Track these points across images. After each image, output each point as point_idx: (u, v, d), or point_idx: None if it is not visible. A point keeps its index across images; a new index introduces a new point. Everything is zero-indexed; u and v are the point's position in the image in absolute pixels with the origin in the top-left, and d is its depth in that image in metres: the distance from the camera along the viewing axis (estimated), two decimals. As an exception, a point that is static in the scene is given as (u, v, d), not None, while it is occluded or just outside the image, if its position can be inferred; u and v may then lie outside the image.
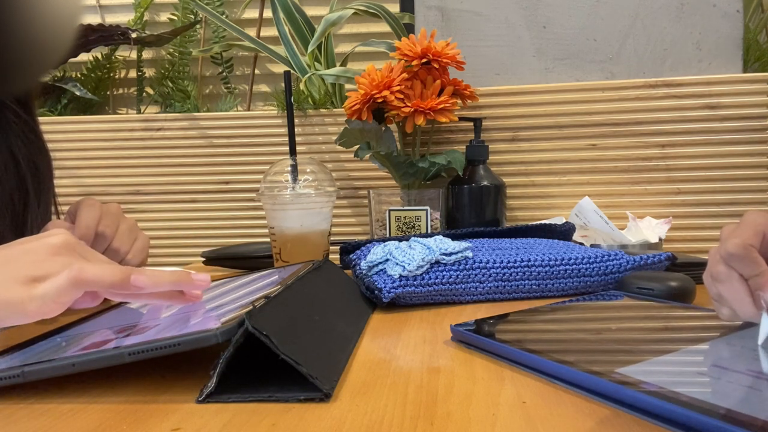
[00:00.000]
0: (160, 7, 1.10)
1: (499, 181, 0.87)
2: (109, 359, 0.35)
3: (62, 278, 0.38)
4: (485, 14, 0.96)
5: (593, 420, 0.29)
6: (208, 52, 1.07)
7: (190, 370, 0.38)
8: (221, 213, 1.02)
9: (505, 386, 0.35)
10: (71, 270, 0.38)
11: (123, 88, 1.13)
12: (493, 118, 0.94)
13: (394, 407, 0.32)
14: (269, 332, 0.33)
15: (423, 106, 0.80)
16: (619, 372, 0.31)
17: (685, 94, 0.90)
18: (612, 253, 0.60)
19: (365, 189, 0.98)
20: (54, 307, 0.38)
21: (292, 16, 0.99)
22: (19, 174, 0.64)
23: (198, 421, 0.31)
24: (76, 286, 0.38)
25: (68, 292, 0.38)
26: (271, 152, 0.99)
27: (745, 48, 0.92)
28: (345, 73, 0.94)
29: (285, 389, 0.34)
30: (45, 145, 0.69)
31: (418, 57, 0.81)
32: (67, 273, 0.38)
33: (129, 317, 0.48)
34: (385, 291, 0.53)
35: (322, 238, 0.74)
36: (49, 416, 0.33)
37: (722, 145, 0.89)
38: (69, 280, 0.38)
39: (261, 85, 1.11)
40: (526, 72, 0.96)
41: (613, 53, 0.94)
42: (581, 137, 0.93)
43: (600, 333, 0.43)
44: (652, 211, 0.90)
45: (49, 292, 0.38)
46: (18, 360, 0.39)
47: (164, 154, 1.02)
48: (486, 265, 0.57)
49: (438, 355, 0.41)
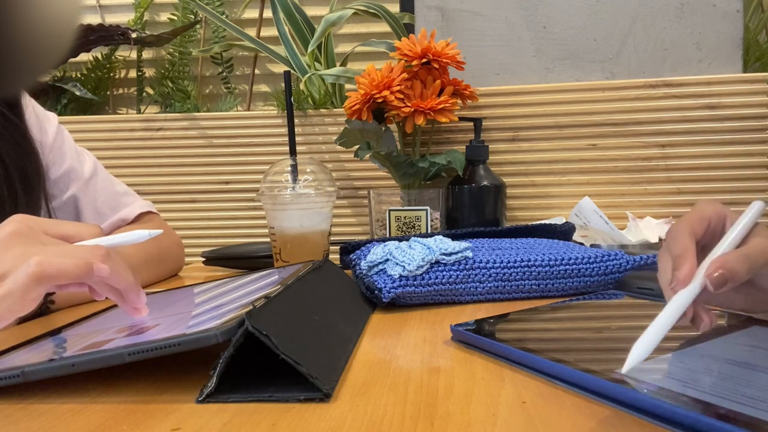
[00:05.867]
0: (160, 7, 1.10)
1: (499, 181, 0.87)
2: (109, 359, 0.35)
3: (22, 275, 0.36)
4: (485, 14, 0.96)
5: (593, 420, 0.29)
6: (208, 52, 1.07)
7: (190, 370, 0.38)
8: (221, 213, 1.02)
9: (505, 386, 0.35)
10: (29, 265, 0.37)
11: (123, 88, 1.13)
12: (493, 118, 0.94)
13: (394, 407, 0.32)
14: (269, 332, 0.33)
15: (423, 106, 0.80)
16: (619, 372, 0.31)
17: (685, 94, 0.90)
18: (612, 253, 0.60)
19: (365, 189, 0.98)
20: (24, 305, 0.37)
21: (292, 16, 0.99)
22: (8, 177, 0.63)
23: (198, 421, 0.31)
24: (39, 282, 0.37)
25: (32, 289, 0.37)
26: (271, 152, 0.99)
27: (745, 48, 0.92)
28: (345, 73, 0.94)
29: (285, 389, 0.34)
30: (34, 148, 0.68)
31: (418, 57, 0.81)
32: (25, 269, 0.37)
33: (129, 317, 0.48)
34: (385, 291, 0.53)
35: (322, 238, 0.74)
36: (49, 416, 0.33)
37: (722, 145, 0.89)
38: (29, 276, 0.36)
39: (261, 85, 1.11)
40: (526, 72, 0.96)
41: (613, 53, 0.94)
42: (581, 137, 0.93)
43: (600, 333, 0.43)
44: (652, 211, 0.90)
45: (14, 291, 0.36)
46: (18, 360, 0.39)
47: (164, 154, 1.02)
48: (486, 265, 0.57)
49: (438, 355, 0.41)
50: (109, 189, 0.78)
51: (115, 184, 0.80)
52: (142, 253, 0.73)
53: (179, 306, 0.49)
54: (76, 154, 0.76)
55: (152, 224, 0.80)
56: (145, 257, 0.73)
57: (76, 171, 0.74)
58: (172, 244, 0.82)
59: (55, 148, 0.73)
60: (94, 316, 0.52)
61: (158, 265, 0.77)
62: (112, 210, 0.77)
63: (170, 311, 0.47)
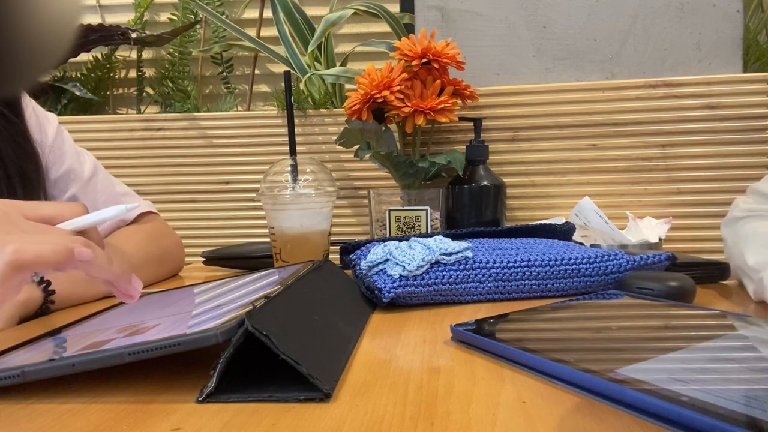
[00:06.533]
0: (160, 7, 1.10)
1: (499, 181, 0.87)
2: (109, 359, 0.35)
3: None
4: (485, 14, 0.96)
5: (593, 420, 0.29)
6: (208, 52, 1.07)
7: (190, 370, 0.38)
8: (221, 213, 1.02)
9: (505, 386, 0.35)
10: (5, 254, 0.36)
11: (123, 88, 1.13)
12: (493, 118, 0.94)
13: (394, 407, 0.32)
14: (269, 332, 0.33)
15: (423, 106, 0.80)
16: (619, 372, 0.31)
17: (685, 94, 0.90)
18: (612, 253, 0.60)
19: (365, 189, 0.98)
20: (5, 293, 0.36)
21: (292, 16, 0.99)
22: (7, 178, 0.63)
23: (198, 421, 0.31)
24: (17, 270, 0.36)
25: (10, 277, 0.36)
26: (271, 152, 0.99)
27: (745, 48, 0.92)
28: (345, 73, 0.94)
29: (285, 389, 0.34)
30: (35, 148, 0.68)
31: (418, 57, 0.81)
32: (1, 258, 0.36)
33: (129, 317, 0.48)
34: (385, 291, 0.53)
35: (322, 238, 0.74)
36: (49, 416, 0.33)
37: (722, 145, 0.89)
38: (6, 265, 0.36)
39: (261, 85, 1.11)
40: (526, 72, 0.96)
41: (613, 53, 0.94)
42: (581, 137, 0.93)
43: (600, 333, 0.43)
44: (652, 211, 0.90)
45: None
46: (18, 360, 0.39)
47: (164, 154, 1.02)
48: (486, 265, 0.57)
49: (438, 355, 0.41)
50: (109, 189, 0.78)
51: (115, 185, 0.80)
52: (142, 253, 0.73)
53: (179, 306, 0.49)
54: (75, 155, 0.76)
55: (153, 224, 0.80)
56: (146, 257, 0.73)
57: (76, 171, 0.74)
58: (173, 244, 0.82)
59: (55, 148, 0.73)
60: (94, 316, 0.52)
61: (158, 265, 0.77)
62: None
63: (170, 311, 0.47)
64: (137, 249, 0.72)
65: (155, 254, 0.76)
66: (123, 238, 0.72)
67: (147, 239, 0.76)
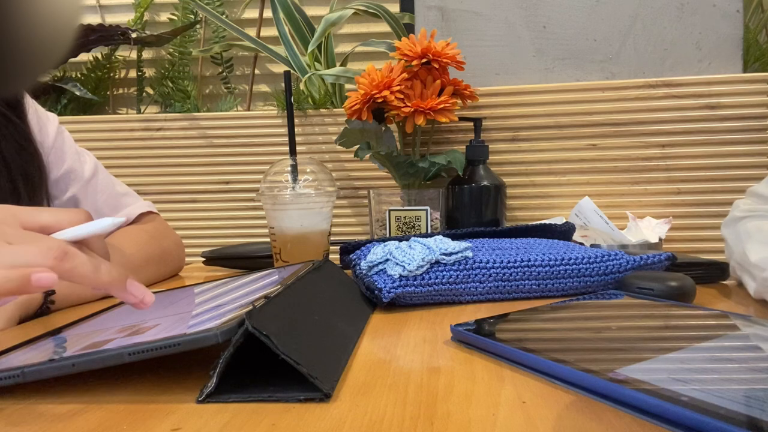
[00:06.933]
0: (160, 7, 1.10)
1: (499, 181, 0.87)
2: (109, 359, 0.35)
3: None
4: (485, 14, 0.96)
5: (593, 420, 0.29)
6: (208, 52, 1.07)
7: (190, 370, 0.38)
8: (221, 213, 1.02)
9: (505, 386, 0.35)
10: None
11: (123, 88, 1.13)
12: (493, 118, 0.94)
13: (394, 407, 0.32)
14: (269, 332, 0.33)
15: (423, 106, 0.80)
16: (619, 372, 0.31)
17: (685, 94, 0.90)
18: (612, 253, 0.60)
19: (365, 189, 0.98)
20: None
21: (292, 16, 0.99)
22: (11, 178, 0.63)
23: (198, 421, 0.31)
24: None
25: None
26: (271, 152, 0.99)
27: (745, 48, 0.92)
28: (345, 73, 0.94)
29: (285, 389, 0.34)
30: (37, 149, 0.68)
31: (418, 57, 0.81)
32: None
33: (129, 317, 0.48)
34: (385, 291, 0.53)
35: (322, 238, 0.74)
36: (49, 416, 0.33)
37: (722, 145, 0.89)
38: None
39: (261, 85, 1.11)
40: (526, 72, 0.96)
41: (613, 53, 0.94)
42: (581, 137, 0.93)
43: (600, 333, 0.43)
44: (652, 211, 0.90)
45: None
46: (18, 360, 0.39)
47: (164, 154, 1.02)
48: (486, 265, 0.57)
49: (438, 355, 0.41)
50: (110, 189, 0.78)
51: (115, 185, 0.80)
52: (142, 253, 0.73)
53: (179, 306, 0.49)
54: (76, 155, 0.76)
55: (153, 224, 0.80)
56: (146, 257, 0.73)
57: (77, 171, 0.74)
58: (173, 245, 0.82)
59: (56, 148, 0.73)
60: (94, 316, 0.52)
61: (159, 265, 0.77)
62: (113, 210, 0.77)
63: (170, 311, 0.47)
64: (137, 249, 0.72)
65: (155, 254, 0.76)
66: (123, 239, 0.72)
67: (147, 239, 0.76)
